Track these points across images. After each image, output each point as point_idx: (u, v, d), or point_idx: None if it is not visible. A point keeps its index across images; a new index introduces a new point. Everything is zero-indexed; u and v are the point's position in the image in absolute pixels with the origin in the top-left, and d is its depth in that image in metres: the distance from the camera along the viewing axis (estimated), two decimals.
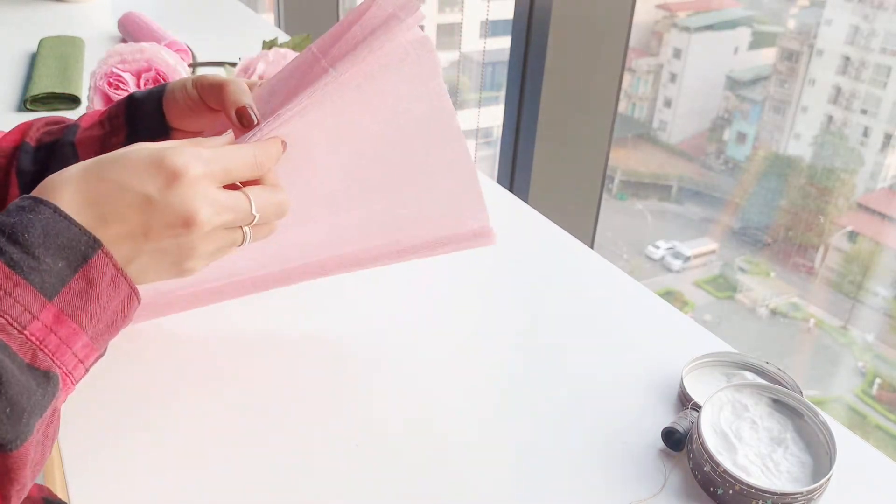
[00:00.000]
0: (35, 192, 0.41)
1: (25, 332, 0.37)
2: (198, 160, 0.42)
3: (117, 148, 0.53)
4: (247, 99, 0.50)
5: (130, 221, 0.41)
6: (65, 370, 0.39)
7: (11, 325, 0.37)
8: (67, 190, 0.41)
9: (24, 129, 0.59)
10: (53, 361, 0.38)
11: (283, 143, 0.47)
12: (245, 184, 0.45)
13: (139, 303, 0.43)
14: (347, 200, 0.52)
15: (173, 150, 0.42)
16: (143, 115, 0.56)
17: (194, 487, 0.47)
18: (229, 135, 0.47)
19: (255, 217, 0.45)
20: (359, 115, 0.48)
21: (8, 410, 0.35)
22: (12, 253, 0.38)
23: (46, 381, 0.38)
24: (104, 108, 0.58)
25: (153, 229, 0.42)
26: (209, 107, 0.54)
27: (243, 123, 0.49)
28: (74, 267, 0.39)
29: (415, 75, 0.47)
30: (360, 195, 0.52)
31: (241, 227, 0.46)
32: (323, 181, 0.51)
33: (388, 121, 0.49)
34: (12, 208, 0.40)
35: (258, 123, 0.48)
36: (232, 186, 0.45)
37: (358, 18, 0.47)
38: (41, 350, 0.38)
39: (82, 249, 0.40)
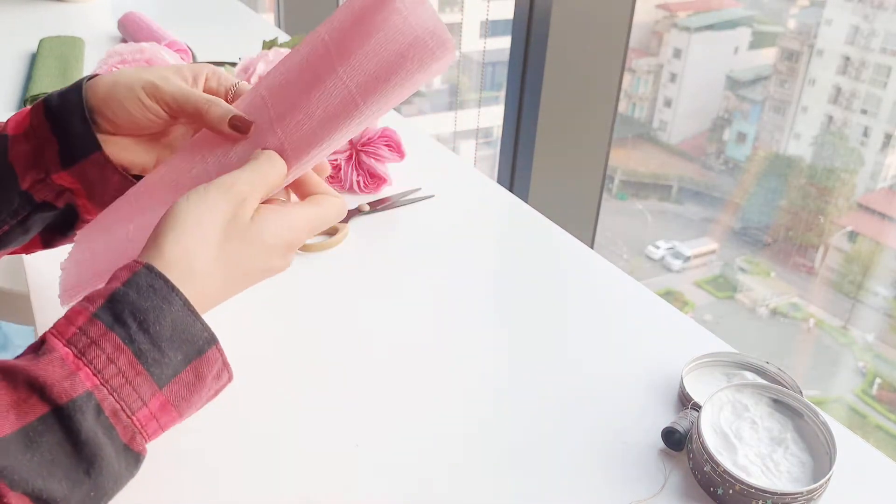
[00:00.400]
0: (167, 265, 0.42)
1: (133, 417, 0.39)
2: (314, 224, 0.47)
3: (54, 162, 0.53)
4: (226, 106, 0.50)
5: (246, 283, 0.46)
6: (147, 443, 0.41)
7: (124, 411, 0.39)
8: (203, 280, 0.43)
9: None
10: (146, 442, 0.40)
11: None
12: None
13: (230, 378, 0.44)
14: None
15: (300, 230, 0.46)
16: (71, 129, 0.53)
17: (194, 487, 0.47)
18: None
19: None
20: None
21: (92, 494, 0.37)
22: (141, 343, 0.40)
23: (135, 464, 0.40)
24: (26, 110, 0.55)
25: (255, 274, 0.46)
26: (171, 117, 0.53)
27: (241, 131, 0.49)
28: (188, 360, 0.41)
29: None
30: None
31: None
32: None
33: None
34: (143, 286, 0.41)
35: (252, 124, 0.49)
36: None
37: (380, 26, 0.47)
38: (141, 434, 0.40)
39: (199, 345, 0.42)
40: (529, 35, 1.39)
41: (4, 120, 0.56)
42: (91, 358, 0.39)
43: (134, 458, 0.40)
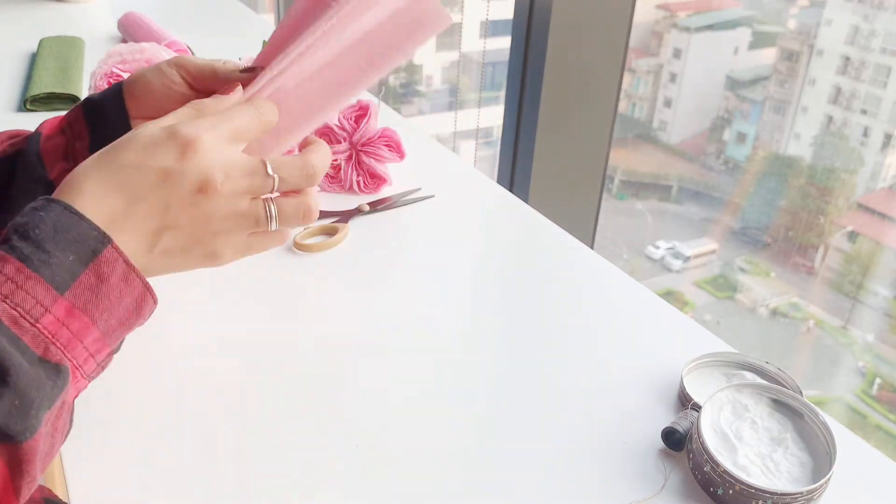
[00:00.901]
0: (56, 191, 0.42)
1: (38, 325, 0.38)
2: (208, 125, 0.43)
3: (83, 154, 0.54)
4: (234, 63, 0.51)
5: (151, 199, 0.42)
6: (75, 363, 0.39)
7: (24, 317, 0.38)
8: (86, 182, 0.42)
9: None
10: (64, 355, 0.39)
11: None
12: None
13: (155, 303, 0.43)
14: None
15: (183, 122, 0.43)
16: (104, 116, 0.55)
17: (194, 487, 0.47)
18: (238, 92, 0.47)
19: (274, 179, 0.45)
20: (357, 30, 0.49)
21: (17, 402, 0.36)
22: (23, 248, 0.39)
23: (56, 374, 0.38)
24: (62, 116, 0.58)
25: (172, 202, 0.42)
26: (192, 89, 0.53)
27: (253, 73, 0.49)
28: (84, 262, 0.40)
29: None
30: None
31: (265, 201, 0.45)
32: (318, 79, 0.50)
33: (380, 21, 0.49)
34: (26, 209, 0.41)
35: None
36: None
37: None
38: (53, 343, 0.38)
39: (91, 244, 0.40)
40: (529, 35, 1.39)
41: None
42: None
43: (54, 369, 0.38)
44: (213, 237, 0.44)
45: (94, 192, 0.41)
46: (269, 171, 0.45)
